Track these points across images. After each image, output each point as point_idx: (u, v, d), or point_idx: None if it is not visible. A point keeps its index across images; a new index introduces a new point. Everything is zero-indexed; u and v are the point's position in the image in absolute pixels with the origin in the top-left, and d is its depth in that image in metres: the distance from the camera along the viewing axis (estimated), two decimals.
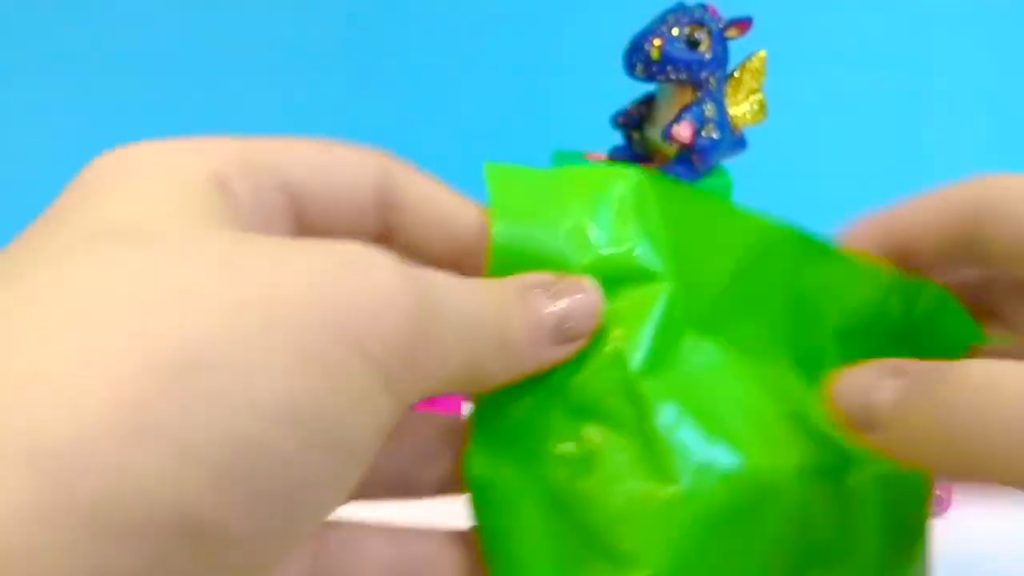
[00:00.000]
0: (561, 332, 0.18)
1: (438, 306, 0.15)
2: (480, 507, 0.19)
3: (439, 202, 0.18)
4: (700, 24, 0.47)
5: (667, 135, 0.48)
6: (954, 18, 0.65)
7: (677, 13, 0.47)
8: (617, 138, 0.53)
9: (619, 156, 0.53)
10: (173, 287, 0.12)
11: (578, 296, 0.18)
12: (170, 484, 0.11)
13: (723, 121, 0.49)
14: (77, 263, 0.13)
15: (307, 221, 0.17)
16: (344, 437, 0.13)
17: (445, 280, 0.16)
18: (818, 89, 0.64)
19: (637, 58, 0.47)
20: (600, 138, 0.53)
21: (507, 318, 0.17)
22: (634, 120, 0.51)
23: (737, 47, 0.49)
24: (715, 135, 0.48)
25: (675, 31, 0.47)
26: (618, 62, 0.48)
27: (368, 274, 0.14)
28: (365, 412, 0.14)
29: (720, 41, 0.48)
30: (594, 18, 0.65)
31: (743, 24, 0.48)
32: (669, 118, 0.49)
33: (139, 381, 0.11)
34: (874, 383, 0.18)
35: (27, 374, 0.11)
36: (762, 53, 0.50)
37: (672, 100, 0.49)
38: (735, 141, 0.50)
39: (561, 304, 0.17)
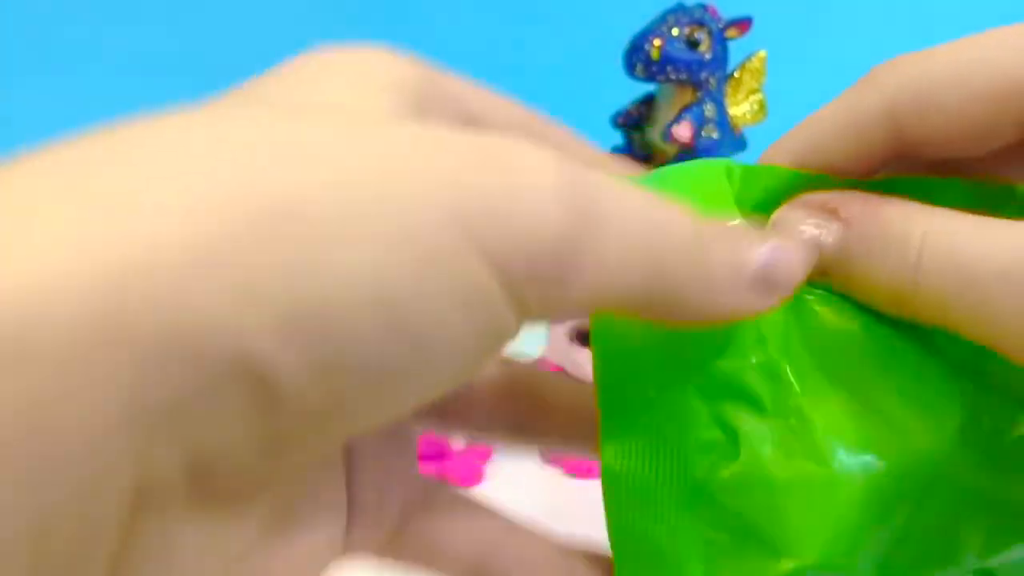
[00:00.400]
0: (765, 278, 0.16)
1: (602, 214, 0.14)
2: (614, 499, 0.18)
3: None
4: (700, 24, 0.47)
5: (667, 135, 0.48)
6: (954, 18, 0.65)
7: (677, 13, 0.47)
8: (617, 138, 0.53)
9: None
10: (291, 142, 0.12)
11: (786, 244, 0.17)
12: (227, 321, 0.11)
13: (723, 121, 0.49)
14: (208, 118, 0.13)
15: None
16: (440, 335, 0.13)
17: (619, 187, 0.14)
18: (818, 89, 0.64)
19: (637, 58, 0.47)
20: (600, 138, 0.53)
21: (707, 245, 0.15)
22: (634, 120, 0.51)
23: (737, 47, 0.49)
24: (715, 135, 0.48)
25: (675, 31, 0.47)
26: (618, 62, 0.48)
27: (515, 171, 0.13)
28: (473, 314, 0.13)
29: (720, 41, 0.48)
30: (594, 18, 0.65)
31: (743, 24, 0.48)
32: (669, 118, 0.49)
33: (218, 219, 0.11)
34: (816, 232, 0.18)
35: (116, 196, 0.11)
36: (762, 53, 0.50)
37: (672, 100, 0.49)
38: (735, 141, 0.50)
39: (767, 248, 0.16)
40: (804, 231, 0.18)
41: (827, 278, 0.18)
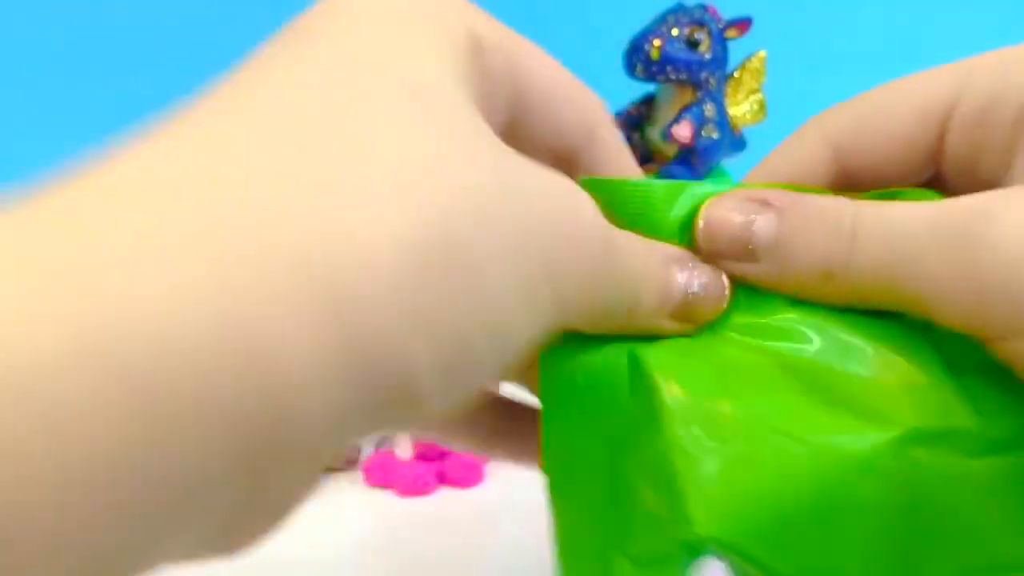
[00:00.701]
0: (685, 310, 0.18)
1: (614, 259, 0.16)
2: (550, 456, 0.19)
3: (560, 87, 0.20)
4: (700, 24, 0.47)
5: (667, 135, 0.48)
6: (954, 17, 0.65)
7: (677, 13, 0.47)
8: None
9: None
10: (430, 169, 0.13)
11: (713, 282, 0.18)
12: (405, 345, 0.12)
13: (723, 121, 0.49)
14: (344, 122, 0.13)
15: (523, 108, 0.19)
16: (518, 353, 0.15)
17: (622, 235, 0.17)
18: (818, 89, 0.64)
19: (637, 58, 0.47)
20: None
21: (645, 280, 0.17)
22: (634, 120, 0.51)
23: (737, 47, 0.49)
24: (715, 135, 0.48)
25: (675, 31, 0.47)
26: (618, 62, 0.48)
27: (581, 215, 0.15)
28: (536, 332, 0.15)
29: (720, 41, 0.48)
30: (594, 18, 0.65)
31: (743, 24, 0.48)
32: (669, 118, 0.49)
33: (408, 246, 0.12)
34: (748, 218, 0.19)
35: (334, 199, 0.12)
36: (762, 53, 0.50)
37: (672, 100, 0.49)
38: (735, 141, 0.50)
39: (695, 284, 0.18)
40: (737, 221, 0.19)
41: (757, 267, 0.19)
